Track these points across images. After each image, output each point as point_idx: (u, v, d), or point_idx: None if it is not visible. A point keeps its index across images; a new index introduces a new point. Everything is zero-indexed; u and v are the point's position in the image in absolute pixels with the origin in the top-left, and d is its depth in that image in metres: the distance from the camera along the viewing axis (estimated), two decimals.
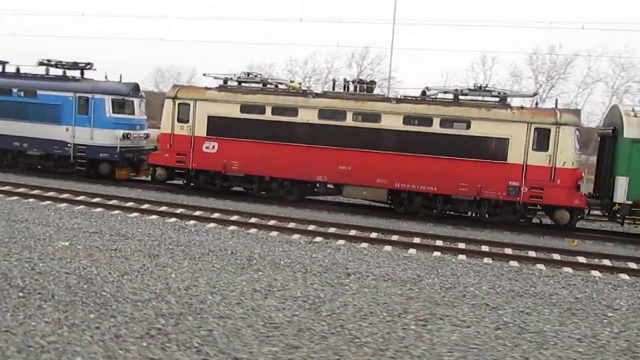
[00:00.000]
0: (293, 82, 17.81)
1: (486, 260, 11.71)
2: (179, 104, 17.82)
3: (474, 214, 16.22)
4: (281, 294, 8.48)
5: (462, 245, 12.93)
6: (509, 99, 16.36)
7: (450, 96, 16.42)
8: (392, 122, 16.09)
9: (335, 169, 16.60)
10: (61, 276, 8.45)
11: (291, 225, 14.01)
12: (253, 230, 12.95)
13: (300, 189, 17.53)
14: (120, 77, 19.79)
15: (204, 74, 18.38)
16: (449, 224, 16.02)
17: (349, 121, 16.44)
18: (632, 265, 12.07)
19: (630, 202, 14.70)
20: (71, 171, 19.38)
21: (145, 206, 15.00)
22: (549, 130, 15.05)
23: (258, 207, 16.62)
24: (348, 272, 10.09)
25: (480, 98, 16.35)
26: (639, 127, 14.64)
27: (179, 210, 14.78)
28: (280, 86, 18.37)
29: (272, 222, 14.08)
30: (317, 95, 16.98)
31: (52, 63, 19.98)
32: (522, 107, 15.67)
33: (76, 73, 20.03)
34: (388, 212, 17.10)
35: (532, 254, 12.55)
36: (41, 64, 19.94)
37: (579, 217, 15.48)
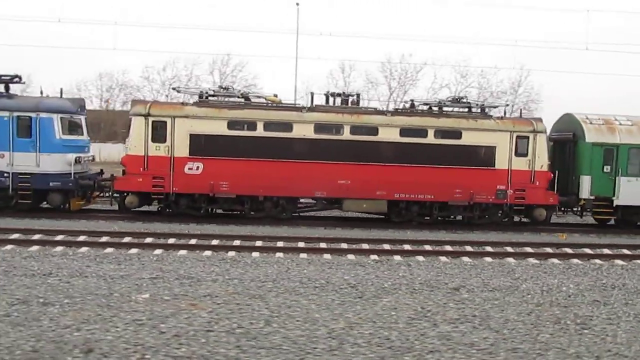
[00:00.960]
0: (276, 96, 17.00)
1: (531, 260, 12.67)
2: (152, 122, 15.85)
3: (465, 218, 17.28)
4: (440, 318, 8.24)
5: (489, 249, 13.77)
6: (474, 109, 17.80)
7: (435, 108, 17.33)
8: (389, 134, 16.40)
9: (334, 184, 16.34)
10: (216, 336, 7.11)
11: (323, 245, 13.51)
12: (304, 255, 12.20)
13: (293, 207, 16.88)
14: (61, 92, 16.95)
15: (174, 88, 16.66)
16: (441, 229, 16.91)
17: (347, 135, 16.34)
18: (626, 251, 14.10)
19: (593, 197, 17.10)
20: (7, 205, 15.98)
21: (149, 240, 13.14)
22: (528, 137, 16.78)
23: (254, 229, 15.54)
24: (451, 286, 10.15)
25: (457, 109, 17.53)
26: (596, 133, 17.12)
27: (193, 241, 13.27)
28: (256, 100, 17.44)
29: (301, 244, 13.42)
30: (310, 109, 16.53)
31: None
32: (502, 118, 17.21)
33: None
34: (382, 223, 17.35)
35: (548, 249, 13.91)
36: None
37: (551, 213, 17.50)
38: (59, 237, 13.08)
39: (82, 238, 13.11)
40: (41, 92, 16.74)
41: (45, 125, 15.63)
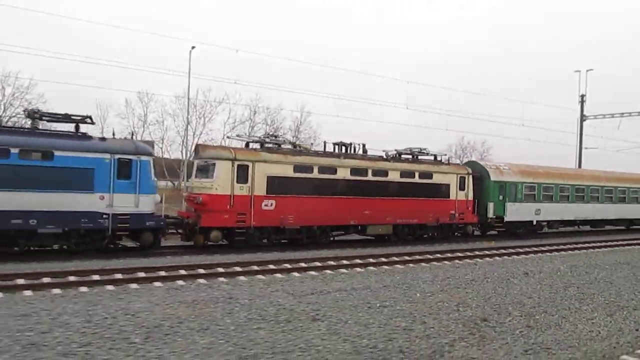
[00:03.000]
0: (312, 144, 21.08)
1: (515, 256, 20.42)
2: (238, 165, 18.24)
3: (433, 235, 24.31)
4: (563, 285, 14.93)
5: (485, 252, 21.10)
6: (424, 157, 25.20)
7: (407, 156, 24.05)
8: (394, 176, 22.35)
9: (362, 214, 21.36)
10: (539, 303, 12.27)
11: (394, 258, 18.65)
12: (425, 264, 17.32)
13: (332, 233, 21.15)
14: (114, 133, 17.66)
15: (228, 136, 19.21)
16: (414, 244, 23.58)
17: (370, 176, 21.63)
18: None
19: (494, 217, 26.32)
20: (100, 247, 15.92)
21: (316, 263, 16.18)
22: (465, 177, 24.97)
23: (312, 253, 19.42)
24: (521, 272, 16.92)
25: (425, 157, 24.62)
26: (495, 174, 26.50)
27: (333, 263, 16.70)
28: (284, 145, 21.09)
29: (386, 259, 18.30)
30: (346, 156, 21.26)
31: (37, 114, 15.68)
32: (449, 164, 24.96)
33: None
34: (378, 242, 22.97)
35: (504, 251, 22.02)
36: (29, 115, 15.36)
37: (474, 228, 26.02)
38: (237, 269, 14.91)
39: (255, 267, 15.21)
40: (110, 134, 17.13)
41: (145, 167, 16.40)
